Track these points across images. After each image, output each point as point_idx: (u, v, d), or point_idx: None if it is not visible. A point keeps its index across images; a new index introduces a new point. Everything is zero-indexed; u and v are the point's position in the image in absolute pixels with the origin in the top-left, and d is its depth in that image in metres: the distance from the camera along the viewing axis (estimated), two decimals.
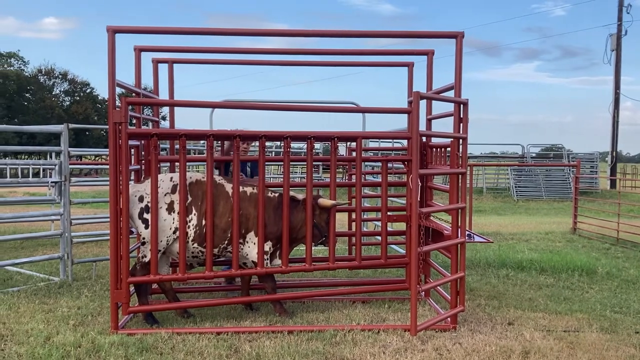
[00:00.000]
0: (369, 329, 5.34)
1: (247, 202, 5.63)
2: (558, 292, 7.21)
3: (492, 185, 27.83)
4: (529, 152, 29.00)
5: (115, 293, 5.19)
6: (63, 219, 7.50)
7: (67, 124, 7.43)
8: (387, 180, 5.86)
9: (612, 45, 29.22)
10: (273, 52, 6.81)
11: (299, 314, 5.86)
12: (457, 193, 5.69)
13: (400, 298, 6.47)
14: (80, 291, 6.73)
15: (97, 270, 7.78)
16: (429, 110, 6.61)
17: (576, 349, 4.93)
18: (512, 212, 20.94)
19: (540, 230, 13.62)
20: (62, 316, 5.64)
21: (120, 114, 5.07)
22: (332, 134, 5.62)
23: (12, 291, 6.64)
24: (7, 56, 50.64)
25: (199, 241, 5.53)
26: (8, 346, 4.79)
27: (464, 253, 5.74)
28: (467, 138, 5.70)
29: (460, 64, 5.68)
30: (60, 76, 51.66)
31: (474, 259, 9.01)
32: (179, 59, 7.02)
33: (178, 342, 4.92)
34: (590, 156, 28.90)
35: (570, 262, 8.61)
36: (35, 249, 9.81)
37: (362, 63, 7.79)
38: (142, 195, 5.50)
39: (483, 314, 6.05)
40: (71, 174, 7.51)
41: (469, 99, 5.66)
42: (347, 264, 6.20)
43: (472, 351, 4.82)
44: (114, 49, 5.18)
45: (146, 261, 5.46)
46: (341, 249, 8.71)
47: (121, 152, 5.11)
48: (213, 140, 5.36)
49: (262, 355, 4.63)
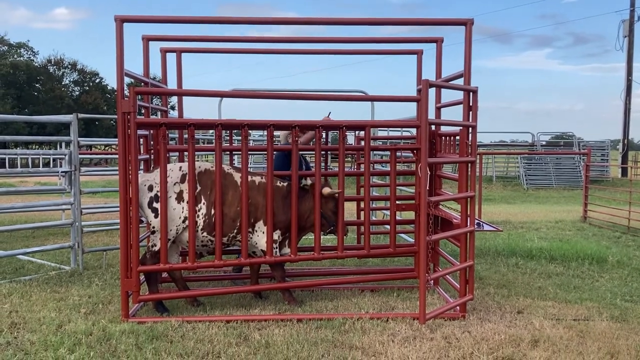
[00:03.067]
0: (377, 317, 5.35)
1: (255, 192, 5.64)
2: (568, 280, 7.18)
3: (501, 174, 27.70)
4: (539, 140, 28.81)
5: (126, 282, 5.23)
6: (73, 209, 7.55)
7: (76, 114, 7.46)
8: (395, 169, 5.84)
9: (624, 32, 28.85)
10: (281, 40, 6.79)
11: (308, 303, 5.88)
12: (467, 182, 5.66)
13: (409, 287, 6.48)
14: (91, 280, 6.79)
15: (107, 259, 7.84)
16: (438, 98, 6.57)
17: (586, 338, 4.92)
18: (521, 200, 20.85)
19: (550, 219, 13.55)
20: (73, 304, 5.70)
21: (128, 104, 5.07)
22: (341, 122, 5.60)
23: (24, 280, 6.72)
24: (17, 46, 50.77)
25: (208, 230, 5.55)
26: (21, 334, 4.85)
27: (473, 242, 5.72)
28: (477, 126, 5.66)
29: (470, 51, 5.63)
30: (70, 66, 51.80)
31: (483, 248, 8.98)
32: (187, 49, 7.00)
33: (188, 330, 4.96)
34: (602, 144, 28.68)
35: (581, 250, 8.56)
36: (47, 238, 9.90)
37: (371, 51, 7.74)
38: (152, 184, 5.52)
39: (492, 302, 6.04)
40: (81, 164, 7.55)
41: (478, 87, 5.61)
42: (355, 253, 6.20)
43: (481, 339, 4.82)
44: (122, 39, 5.17)
45: (156, 250, 5.50)
46: (350, 238, 8.71)
47: (130, 142, 5.13)
48: (222, 130, 5.36)
49: (272, 343, 4.65)
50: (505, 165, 28.78)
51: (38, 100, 46.63)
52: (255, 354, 4.43)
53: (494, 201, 19.84)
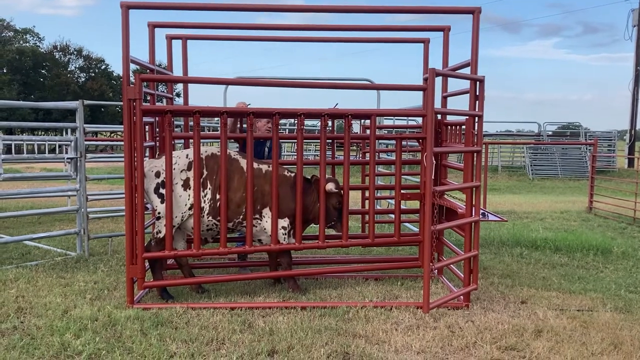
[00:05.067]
0: (381, 305, 5.37)
1: (262, 179, 5.64)
2: (572, 271, 7.18)
3: (507, 164, 27.61)
4: (545, 130, 28.66)
5: (131, 268, 5.26)
6: (79, 195, 7.58)
7: (82, 101, 7.47)
8: (401, 158, 5.83)
9: (633, 21, 28.49)
10: (288, 28, 6.75)
11: (312, 291, 5.90)
12: (472, 171, 5.65)
13: (413, 276, 6.49)
14: (96, 266, 6.83)
15: (113, 245, 7.89)
16: (444, 87, 6.53)
17: (589, 328, 4.92)
18: (527, 190, 20.79)
19: (556, 209, 13.52)
20: (79, 290, 5.74)
21: (134, 91, 5.07)
22: (346, 111, 5.58)
23: (31, 265, 6.77)
24: (22, 32, 50.75)
25: (213, 214, 5.56)
26: (27, 319, 4.89)
27: (478, 232, 5.72)
28: (483, 116, 5.64)
29: (477, 40, 5.60)
30: (75, 52, 51.77)
31: (488, 238, 8.98)
32: (193, 35, 6.98)
33: (193, 317, 4.99)
34: (608, 134, 28.49)
35: (585, 241, 8.54)
36: (53, 224, 9.96)
37: (378, 39, 7.68)
38: (159, 170, 5.52)
39: (496, 292, 6.05)
40: (87, 150, 7.57)
41: (485, 76, 5.58)
42: (360, 242, 6.21)
43: (485, 329, 4.83)
44: (128, 25, 5.15)
45: (161, 237, 5.52)
46: (354, 227, 8.72)
47: (136, 129, 5.13)
48: (227, 118, 5.35)
49: (276, 330, 4.68)
50: (511, 155, 28.69)
51: (44, 87, 46.71)
52: (259, 341, 4.46)
53: (499, 191, 19.80)
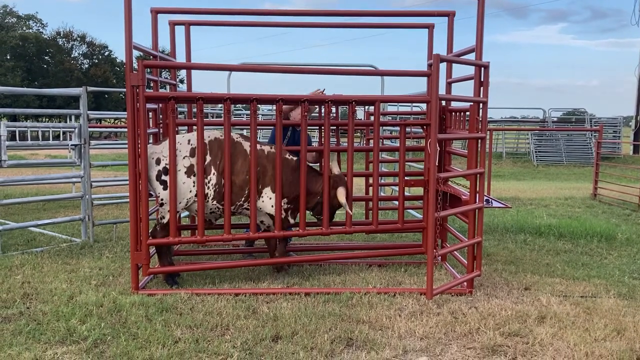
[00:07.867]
0: (385, 292, 5.38)
1: (265, 160, 5.64)
2: (576, 257, 7.17)
3: (511, 150, 27.51)
4: (550, 116, 28.50)
5: (135, 254, 5.29)
6: (84, 182, 7.60)
7: (85, 87, 7.45)
8: (405, 144, 5.81)
9: None
10: (291, 13, 6.70)
11: (316, 277, 5.92)
12: (476, 158, 5.63)
13: (417, 262, 6.50)
14: (101, 252, 6.86)
15: (117, 231, 7.92)
16: (449, 73, 6.50)
17: (593, 315, 4.93)
18: (531, 177, 20.75)
19: (560, 196, 13.49)
20: (84, 276, 5.77)
21: (137, 77, 5.06)
22: (350, 97, 5.56)
23: (36, 251, 6.80)
24: (25, 18, 50.53)
25: (217, 199, 5.57)
26: (33, 304, 4.93)
27: (482, 218, 5.71)
28: (488, 102, 5.60)
29: (482, 25, 5.55)
30: (79, 39, 51.56)
31: (492, 224, 8.97)
32: (196, 21, 6.95)
33: (197, 303, 5.02)
34: (614, 121, 28.34)
35: (590, 228, 8.53)
36: (57, 211, 10.00)
37: (382, 24, 7.62)
38: (159, 157, 5.51)
39: (499, 278, 6.06)
40: (91, 137, 7.57)
41: (490, 62, 5.54)
42: (363, 228, 6.21)
43: (488, 315, 4.84)
44: (130, 11, 5.12)
45: (165, 222, 5.53)
46: (358, 214, 8.73)
47: (139, 115, 5.12)
48: (230, 104, 5.34)
49: (280, 316, 4.70)
50: (516, 142, 28.55)
51: (48, 73, 46.59)
52: (263, 326, 4.48)
53: (503, 177, 19.76)
